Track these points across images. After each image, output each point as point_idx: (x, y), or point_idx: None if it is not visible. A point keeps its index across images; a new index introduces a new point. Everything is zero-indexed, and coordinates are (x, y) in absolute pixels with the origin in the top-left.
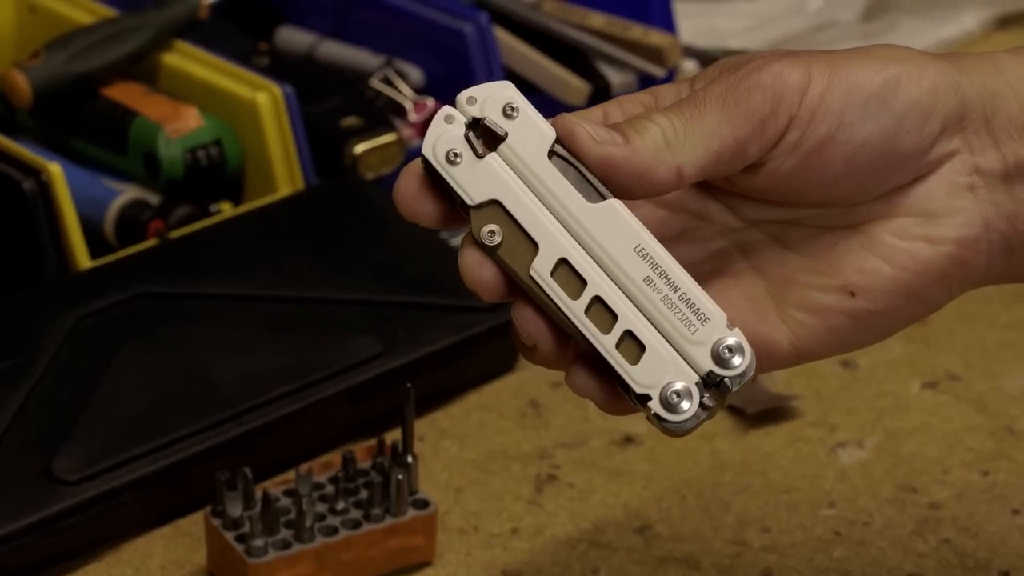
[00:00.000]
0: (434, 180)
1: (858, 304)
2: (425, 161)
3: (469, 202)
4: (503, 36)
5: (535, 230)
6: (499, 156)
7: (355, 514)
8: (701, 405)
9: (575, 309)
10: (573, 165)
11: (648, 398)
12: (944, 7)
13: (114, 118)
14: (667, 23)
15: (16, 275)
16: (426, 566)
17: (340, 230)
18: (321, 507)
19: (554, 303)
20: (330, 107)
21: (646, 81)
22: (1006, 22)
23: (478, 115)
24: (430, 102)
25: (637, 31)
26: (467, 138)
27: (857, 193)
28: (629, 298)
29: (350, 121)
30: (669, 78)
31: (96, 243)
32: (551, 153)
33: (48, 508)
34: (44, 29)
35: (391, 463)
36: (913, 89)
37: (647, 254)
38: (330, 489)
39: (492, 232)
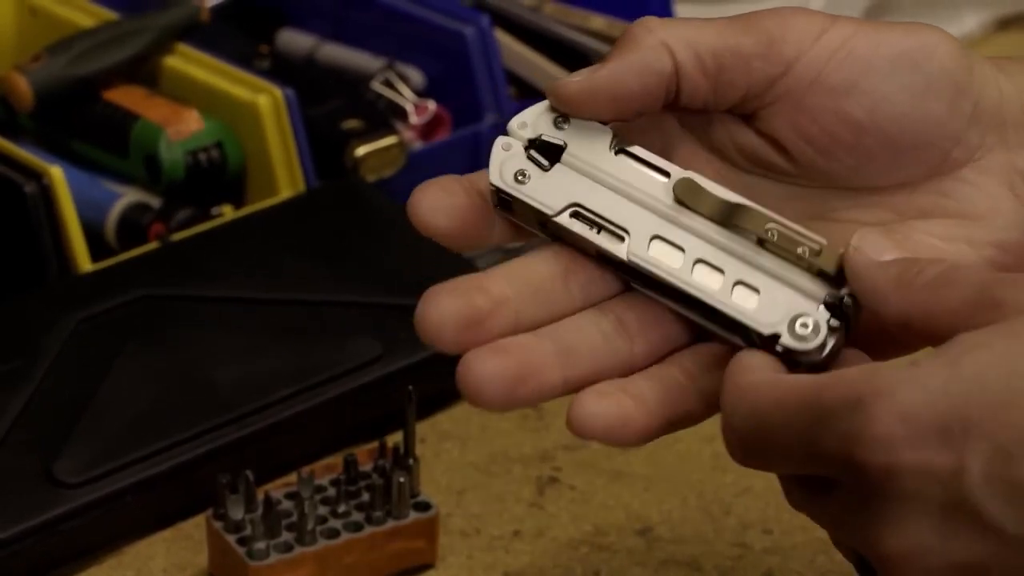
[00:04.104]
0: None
1: None
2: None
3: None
4: (504, 38)
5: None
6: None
7: (357, 517)
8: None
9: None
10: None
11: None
12: (944, 9)
13: (115, 121)
14: None
15: (17, 278)
16: (428, 569)
17: (341, 232)
18: (323, 510)
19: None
20: (331, 109)
21: None
22: (1006, 23)
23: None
24: (431, 104)
25: None
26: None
27: (887, 165)
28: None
29: (351, 123)
30: None
31: (97, 246)
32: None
33: (49, 511)
34: (45, 32)
35: (392, 466)
36: (949, 60)
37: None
38: (332, 492)
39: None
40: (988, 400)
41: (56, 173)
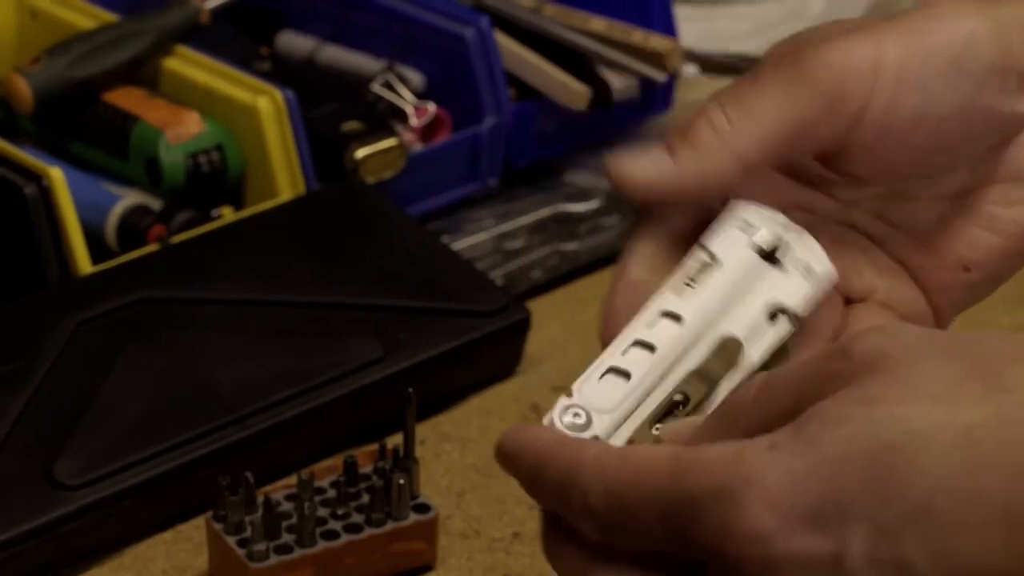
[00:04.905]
0: None
1: (973, 277)
2: None
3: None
4: (504, 40)
5: None
6: None
7: (357, 519)
8: None
9: None
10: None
11: None
12: None
13: (115, 123)
14: (668, 27)
15: (17, 280)
16: (428, 570)
17: (341, 234)
18: (323, 512)
19: None
20: (331, 111)
21: (647, 85)
22: None
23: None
24: (431, 106)
25: (638, 35)
26: None
27: (950, 161)
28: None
29: (351, 125)
30: (670, 82)
31: (97, 248)
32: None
33: (50, 513)
34: (45, 34)
35: (392, 467)
36: (990, 50)
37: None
38: (332, 494)
39: None
40: (859, 478)
41: (56, 175)
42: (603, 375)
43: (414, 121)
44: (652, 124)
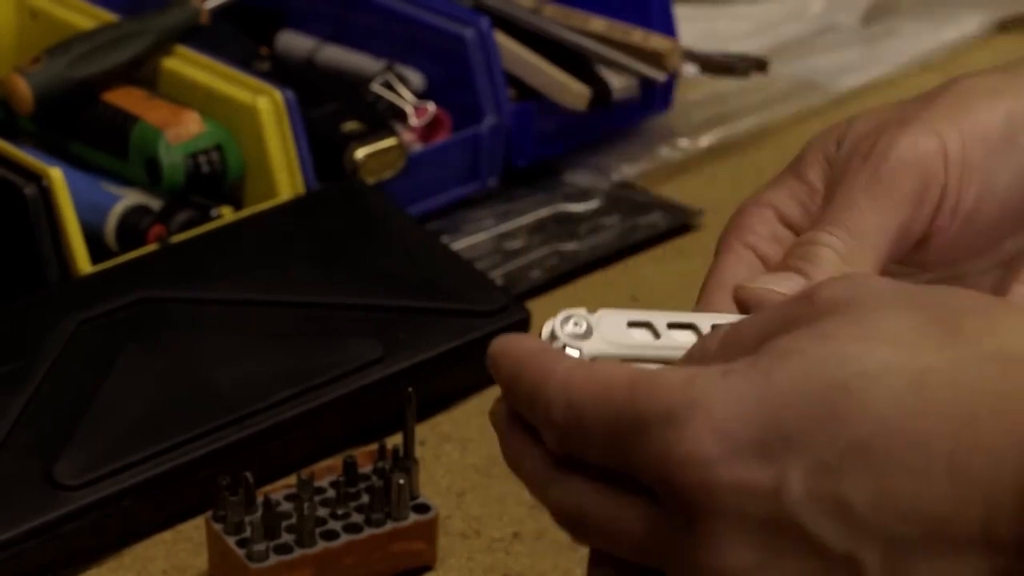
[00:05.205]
0: None
1: None
2: None
3: None
4: (504, 40)
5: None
6: None
7: (356, 519)
8: None
9: None
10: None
11: None
12: (945, 10)
13: (115, 123)
14: (668, 27)
15: (17, 280)
16: (427, 570)
17: (341, 234)
18: (322, 512)
19: None
20: (331, 111)
21: (647, 85)
22: (1007, 25)
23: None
24: (431, 106)
25: (638, 35)
26: None
27: (1006, 233)
28: None
29: (351, 125)
30: (670, 82)
31: (97, 248)
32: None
33: (49, 513)
34: (45, 34)
35: (392, 467)
36: None
37: None
38: (331, 494)
39: None
40: (805, 413)
41: (56, 175)
42: (636, 324)
43: (414, 121)
44: (652, 124)
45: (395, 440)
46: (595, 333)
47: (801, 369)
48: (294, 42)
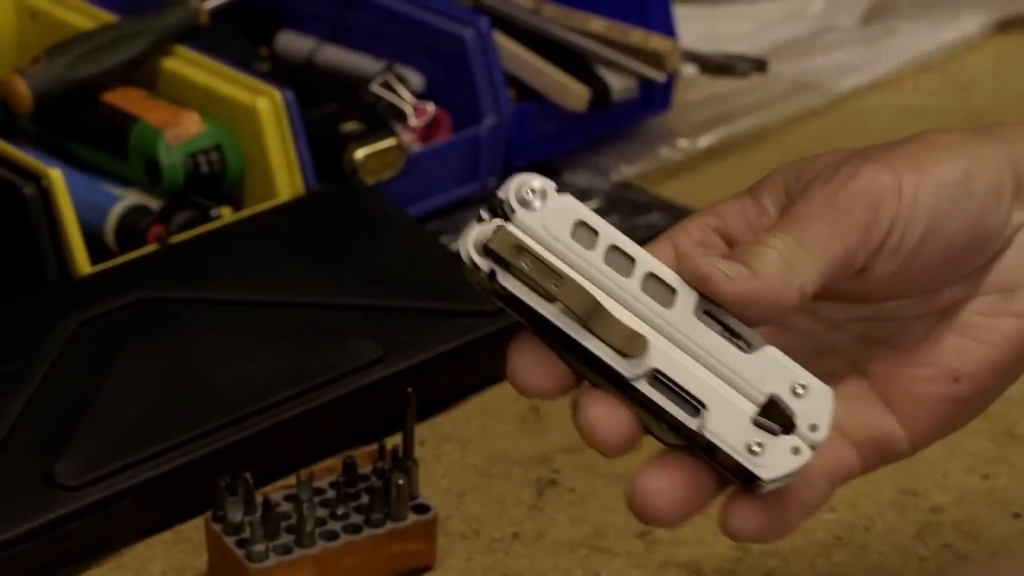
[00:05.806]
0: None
1: (963, 388)
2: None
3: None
4: (503, 41)
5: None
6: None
7: (356, 519)
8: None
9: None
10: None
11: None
12: (944, 11)
13: (115, 124)
14: (667, 27)
15: (16, 281)
16: (427, 571)
17: (341, 235)
18: (322, 512)
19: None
20: (330, 112)
21: (646, 85)
22: (1006, 26)
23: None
24: (430, 107)
25: (637, 35)
26: None
27: (946, 280)
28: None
29: (350, 126)
30: (669, 82)
31: (97, 248)
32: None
33: (49, 513)
34: (45, 35)
35: (392, 468)
36: (984, 174)
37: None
38: (331, 494)
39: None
40: None
41: (55, 175)
42: (583, 226)
43: (413, 121)
44: (651, 124)
45: (395, 440)
46: (539, 211)
47: None
48: (294, 42)
